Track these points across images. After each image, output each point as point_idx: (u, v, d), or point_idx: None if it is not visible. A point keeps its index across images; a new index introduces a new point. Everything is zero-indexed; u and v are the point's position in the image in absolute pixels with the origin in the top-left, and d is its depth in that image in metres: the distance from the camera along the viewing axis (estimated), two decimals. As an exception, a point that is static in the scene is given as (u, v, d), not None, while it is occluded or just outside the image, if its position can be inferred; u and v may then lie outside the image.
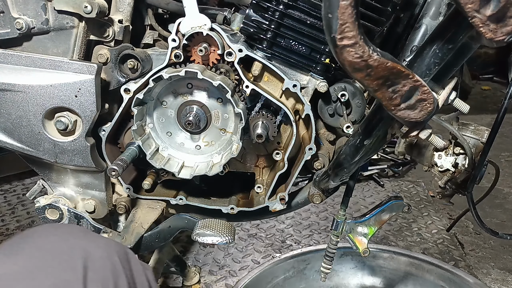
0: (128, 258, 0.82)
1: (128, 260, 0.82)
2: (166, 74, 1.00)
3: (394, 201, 1.20)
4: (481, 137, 1.24)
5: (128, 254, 0.83)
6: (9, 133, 1.06)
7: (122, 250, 0.82)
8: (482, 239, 2.40)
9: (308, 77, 1.08)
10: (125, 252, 0.83)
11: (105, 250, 0.78)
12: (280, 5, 1.00)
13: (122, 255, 0.80)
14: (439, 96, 0.78)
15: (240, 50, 1.02)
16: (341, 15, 0.58)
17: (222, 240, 1.07)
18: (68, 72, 1.01)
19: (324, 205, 2.69)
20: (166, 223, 1.21)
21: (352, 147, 0.95)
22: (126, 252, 0.83)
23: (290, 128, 1.15)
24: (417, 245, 2.34)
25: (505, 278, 2.09)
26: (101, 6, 0.99)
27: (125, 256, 0.81)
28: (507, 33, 0.59)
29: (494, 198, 2.77)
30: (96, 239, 0.82)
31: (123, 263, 0.79)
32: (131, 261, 0.82)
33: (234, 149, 1.07)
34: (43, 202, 1.14)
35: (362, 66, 0.62)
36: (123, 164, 1.03)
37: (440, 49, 0.69)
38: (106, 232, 1.16)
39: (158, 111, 1.11)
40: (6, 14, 1.00)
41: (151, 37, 1.19)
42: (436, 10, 0.98)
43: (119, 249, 0.82)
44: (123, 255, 0.81)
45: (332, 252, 1.26)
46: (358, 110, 1.10)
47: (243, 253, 2.21)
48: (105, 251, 0.78)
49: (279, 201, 1.18)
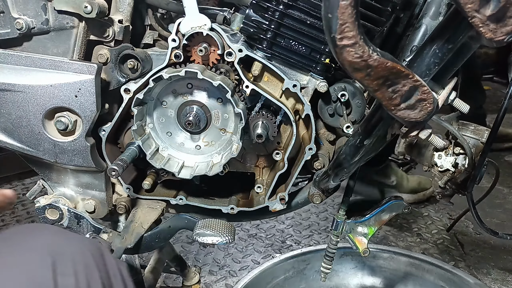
0: (102, 254, 0.82)
1: (102, 256, 0.82)
2: (166, 74, 1.00)
3: (394, 201, 1.20)
4: (481, 137, 1.24)
5: (101, 250, 0.83)
6: (9, 133, 1.06)
7: (95, 246, 0.83)
8: (482, 239, 2.40)
9: (308, 77, 1.08)
10: (98, 248, 0.83)
11: (76, 246, 0.78)
12: (280, 5, 1.00)
13: (95, 251, 0.80)
14: (439, 96, 0.78)
15: (240, 50, 1.02)
16: (341, 15, 0.58)
17: (222, 240, 1.07)
18: (68, 72, 1.01)
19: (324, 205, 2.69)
20: (166, 223, 1.21)
21: (352, 147, 0.95)
22: (99, 248, 0.83)
23: (290, 128, 1.15)
24: (417, 245, 2.34)
25: (505, 278, 2.09)
26: (101, 6, 0.99)
27: (98, 252, 0.81)
28: (507, 33, 0.59)
29: (494, 198, 2.77)
30: (66, 236, 0.82)
31: (96, 258, 0.79)
32: (105, 257, 0.82)
33: (234, 149, 1.07)
34: (43, 202, 1.14)
35: (362, 66, 0.63)
36: (123, 164, 1.03)
37: (440, 49, 0.69)
38: (106, 232, 1.16)
39: (158, 111, 1.11)
40: (6, 14, 1.00)
41: (151, 37, 1.19)
42: (436, 10, 0.98)
43: (92, 245, 0.82)
44: (96, 250, 0.81)
45: (332, 252, 1.26)
46: (358, 110, 1.10)
47: (243, 253, 2.21)
48: (77, 247, 0.78)
49: (279, 201, 1.18)
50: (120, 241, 1.14)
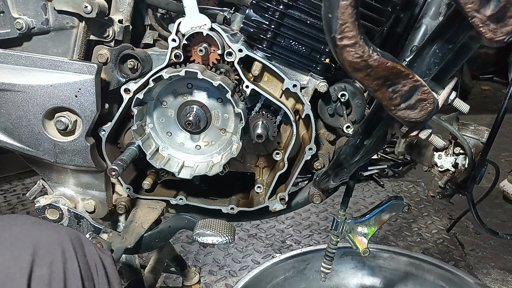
0: (82, 243, 0.82)
1: (82, 245, 0.81)
2: (166, 74, 1.00)
3: (394, 201, 1.20)
4: (481, 137, 1.24)
5: (81, 240, 0.82)
6: (9, 133, 1.06)
7: (75, 235, 0.82)
8: (482, 239, 2.40)
9: (308, 77, 1.08)
10: (78, 237, 0.82)
11: (53, 236, 0.77)
12: (280, 5, 1.00)
13: (74, 240, 0.80)
14: (439, 96, 0.78)
15: (240, 50, 1.02)
16: (341, 15, 0.58)
17: (222, 240, 1.07)
18: (68, 72, 1.00)
19: (324, 205, 2.69)
20: (166, 223, 1.21)
21: (352, 147, 0.95)
22: (79, 237, 0.82)
23: (290, 128, 1.15)
24: (417, 245, 2.34)
25: (505, 278, 2.10)
26: (101, 6, 0.99)
27: (78, 241, 0.81)
28: (507, 33, 0.59)
29: (494, 198, 2.77)
30: (44, 226, 0.81)
31: (76, 247, 0.78)
32: (84, 246, 0.82)
33: (234, 149, 1.07)
34: (43, 202, 1.14)
35: (362, 66, 0.63)
36: (123, 164, 1.03)
37: (440, 49, 0.69)
38: (106, 232, 1.16)
39: (158, 111, 1.11)
40: (6, 14, 1.00)
41: (151, 37, 1.19)
42: (436, 10, 0.98)
43: (71, 234, 0.81)
44: (76, 240, 0.80)
45: (332, 252, 1.26)
46: (358, 110, 1.10)
47: (243, 253, 2.21)
48: (54, 236, 0.77)
49: (279, 201, 1.18)
50: (120, 241, 1.14)
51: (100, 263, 0.83)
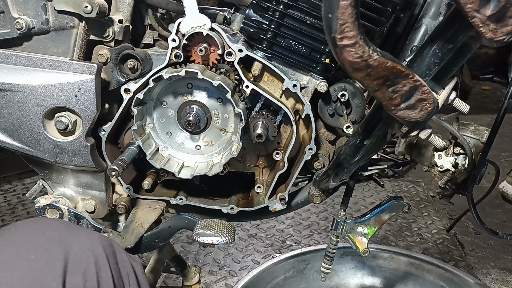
0: (114, 250, 0.80)
1: (114, 252, 0.79)
2: (166, 74, 1.00)
3: (394, 201, 1.20)
4: (481, 137, 1.24)
5: (114, 247, 0.81)
6: (9, 133, 1.06)
7: (107, 242, 0.80)
8: (482, 239, 2.40)
9: (308, 77, 1.08)
10: (110, 244, 0.81)
11: (86, 243, 0.76)
12: (280, 5, 1.00)
13: (107, 247, 0.78)
14: (439, 96, 0.78)
15: (240, 50, 1.02)
16: (341, 15, 0.58)
17: (222, 240, 1.07)
18: (68, 72, 1.00)
19: (324, 205, 2.69)
20: (166, 223, 1.21)
21: (352, 147, 0.95)
22: (111, 244, 0.81)
23: (290, 128, 1.15)
24: (417, 245, 2.34)
25: (505, 278, 2.10)
26: (101, 6, 0.99)
27: (110, 249, 0.79)
28: (507, 33, 0.59)
29: (494, 198, 2.77)
30: (77, 232, 0.80)
31: (108, 255, 0.77)
32: (116, 253, 0.80)
33: (234, 149, 1.07)
34: (43, 202, 1.14)
35: (362, 66, 0.63)
36: (123, 164, 1.03)
37: (440, 49, 0.69)
38: (106, 232, 1.16)
39: (158, 111, 1.11)
40: (6, 14, 1.00)
41: (151, 37, 1.19)
42: (436, 10, 0.98)
43: (104, 241, 0.80)
44: (108, 247, 0.79)
45: (332, 252, 1.26)
46: (358, 110, 1.10)
47: (243, 253, 2.21)
48: (87, 243, 0.76)
49: (279, 201, 1.18)
50: (120, 241, 1.14)
51: (132, 271, 0.81)
